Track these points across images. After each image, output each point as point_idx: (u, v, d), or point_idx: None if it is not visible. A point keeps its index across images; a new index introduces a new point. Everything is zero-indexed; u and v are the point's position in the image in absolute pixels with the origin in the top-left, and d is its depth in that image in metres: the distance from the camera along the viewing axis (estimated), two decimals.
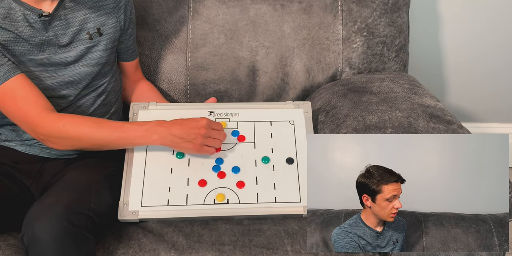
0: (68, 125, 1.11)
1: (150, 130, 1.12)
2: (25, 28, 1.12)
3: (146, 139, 1.13)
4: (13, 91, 1.11)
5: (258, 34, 1.51)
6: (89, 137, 1.12)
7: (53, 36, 1.16)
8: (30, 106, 1.11)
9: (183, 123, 1.14)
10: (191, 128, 1.13)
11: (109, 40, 1.25)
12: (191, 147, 1.14)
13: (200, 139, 1.14)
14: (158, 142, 1.14)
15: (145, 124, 1.14)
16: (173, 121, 1.15)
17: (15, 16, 1.11)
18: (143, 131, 1.12)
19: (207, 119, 1.15)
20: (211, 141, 1.16)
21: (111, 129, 1.12)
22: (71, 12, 1.17)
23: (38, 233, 0.96)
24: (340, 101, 1.37)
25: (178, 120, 1.15)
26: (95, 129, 1.12)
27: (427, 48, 1.85)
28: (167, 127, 1.13)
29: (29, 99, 1.11)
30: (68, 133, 1.11)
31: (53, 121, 1.11)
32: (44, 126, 1.11)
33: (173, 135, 1.12)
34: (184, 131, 1.13)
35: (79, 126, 1.12)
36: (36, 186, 1.22)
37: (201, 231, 1.12)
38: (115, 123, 1.15)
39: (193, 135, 1.13)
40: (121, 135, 1.13)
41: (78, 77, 1.22)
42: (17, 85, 1.11)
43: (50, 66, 1.18)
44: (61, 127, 1.11)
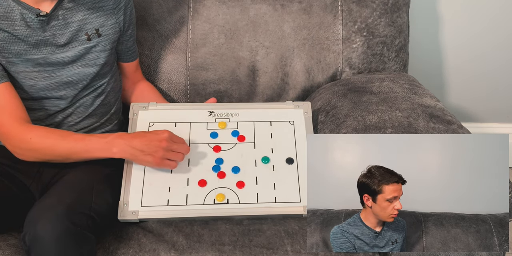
0: (35, 138, 1.11)
1: (110, 143, 1.11)
2: (22, 27, 1.12)
3: (106, 152, 1.12)
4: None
5: (258, 34, 1.51)
6: (52, 149, 1.12)
7: (51, 36, 1.16)
8: (4, 116, 1.12)
9: (144, 135, 1.12)
10: (152, 140, 1.10)
11: (108, 41, 1.24)
12: (151, 160, 1.12)
13: (161, 152, 1.11)
14: (118, 155, 1.12)
15: (107, 136, 1.12)
16: (134, 134, 1.13)
17: (12, 15, 1.11)
18: (103, 144, 1.11)
19: (169, 132, 1.13)
20: (173, 155, 1.13)
21: (73, 142, 1.11)
22: (70, 12, 1.17)
23: (40, 232, 0.96)
24: (340, 101, 1.37)
25: (140, 133, 1.14)
26: (58, 141, 1.11)
27: (427, 48, 1.85)
28: (128, 140, 1.11)
29: (6, 109, 1.12)
30: (33, 145, 1.11)
31: (22, 133, 1.11)
32: (13, 137, 1.12)
33: (133, 147, 1.10)
34: (145, 143, 1.10)
35: (44, 139, 1.11)
36: (36, 186, 1.22)
37: (201, 231, 1.12)
38: (79, 136, 1.13)
39: (153, 147, 1.10)
40: (83, 148, 1.11)
41: (76, 78, 1.22)
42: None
43: (48, 66, 1.18)
44: (28, 139, 1.11)
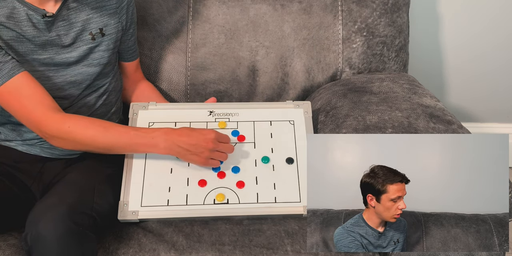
0: (74, 127, 1.09)
1: (157, 138, 1.10)
2: (29, 28, 1.12)
3: (152, 148, 1.12)
4: (18, 90, 1.09)
5: (258, 34, 1.51)
6: (94, 141, 1.10)
7: (56, 36, 1.16)
8: (35, 105, 1.09)
9: (191, 134, 1.11)
10: (199, 141, 1.10)
11: (111, 40, 1.25)
12: (197, 160, 1.13)
13: (206, 153, 1.12)
14: (164, 152, 1.12)
15: (153, 131, 1.11)
16: (181, 131, 1.12)
17: (18, 16, 1.11)
18: (149, 139, 1.10)
19: (216, 133, 1.12)
20: (218, 155, 1.14)
21: (117, 135, 1.11)
22: (74, 12, 1.17)
23: (42, 232, 0.96)
24: (340, 101, 1.37)
25: (186, 130, 1.12)
26: (101, 133, 1.10)
27: (427, 48, 1.85)
28: (175, 138, 1.10)
29: (35, 97, 1.10)
30: (73, 135, 1.09)
31: (59, 122, 1.09)
32: (49, 126, 1.09)
33: (179, 146, 1.10)
34: (192, 143, 1.10)
35: (85, 129, 1.10)
36: (37, 186, 1.22)
37: (201, 231, 1.12)
38: (122, 129, 1.12)
39: (200, 148, 1.11)
40: (127, 141, 1.11)
41: (80, 77, 1.22)
42: (22, 83, 1.09)
43: (53, 66, 1.18)
44: (67, 128, 1.09)
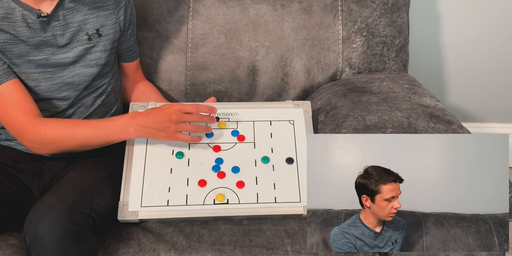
0: (50, 130, 1.12)
1: (125, 124, 1.13)
2: (23, 28, 1.12)
3: (123, 135, 1.14)
4: (4, 97, 1.12)
5: (258, 34, 1.51)
6: (69, 139, 1.13)
7: (51, 36, 1.16)
8: (18, 113, 1.12)
9: (153, 112, 1.13)
10: (161, 115, 1.12)
11: (108, 41, 1.24)
12: (165, 136, 1.14)
13: (172, 126, 1.12)
14: (134, 135, 1.14)
15: (120, 118, 1.14)
16: (146, 112, 1.15)
17: (13, 16, 1.11)
18: (118, 126, 1.13)
19: (179, 105, 1.14)
20: (185, 127, 1.14)
21: (88, 129, 1.13)
22: (70, 12, 1.17)
23: (41, 232, 0.96)
24: (340, 101, 1.37)
25: (150, 110, 1.15)
26: (73, 130, 1.13)
27: (427, 48, 1.85)
28: (140, 119, 1.13)
29: (18, 105, 1.13)
30: (49, 138, 1.12)
31: (37, 127, 1.12)
32: (29, 132, 1.12)
33: (146, 126, 1.12)
34: (156, 121, 1.12)
35: (58, 130, 1.13)
36: (37, 186, 1.22)
37: (201, 231, 1.12)
38: (92, 122, 1.15)
39: (165, 123, 1.12)
40: (98, 133, 1.13)
41: (78, 78, 1.22)
42: (9, 90, 1.12)
43: (49, 67, 1.18)
44: (43, 132, 1.12)
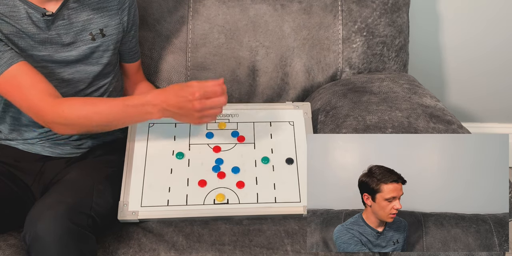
0: (68, 110, 1.09)
1: (147, 106, 1.08)
2: (29, 25, 1.12)
3: (147, 116, 1.10)
4: (17, 78, 1.10)
5: (258, 34, 1.51)
6: (88, 120, 1.10)
7: (56, 35, 1.16)
8: (33, 94, 1.09)
9: (177, 95, 1.08)
10: (185, 103, 1.07)
11: (112, 41, 1.24)
12: (190, 121, 1.12)
13: (196, 113, 1.08)
14: (158, 116, 1.10)
15: (143, 98, 1.09)
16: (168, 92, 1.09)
17: (18, 14, 1.11)
18: (141, 108, 1.09)
19: (199, 91, 1.06)
20: (209, 113, 1.10)
21: (109, 109, 1.10)
22: (74, 12, 1.17)
23: (41, 232, 0.96)
24: (340, 101, 1.37)
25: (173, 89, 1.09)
26: (93, 110, 1.10)
27: (427, 48, 1.85)
28: (163, 102, 1.08)
29: (33, 86, 1.10)
30: (68, 118, 1.09)
31: (55, 107, 1.09)
32: (47, 112, 1.09)
33: (169, 110, 1.09)
34: (179, 106, 1.08)
35: (78, 110, 1.09)
36: (37, 186, 1.22)
37: (201, 231, 1.12)
38: (114, 102, 1.11)
39: (188, 111, 1.08)
40: (121, 115, 1.10)
41: (78, 75, 1.22)
42: (20, 72, 1.10)
43: (51, 63, 1.18)
44: (61, 112, 1.09)
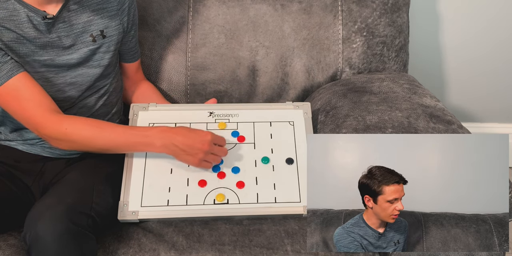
0: (71, 129, 1.10)
1: (153, 137, 1.11)
2: (30, 29, 1.12)
3: (149, 147, 1.12)
4: (17, 91, 1.10)
5: (258, 34, 1.51)
6: (91, 142, 1.11)
7: (56, 38, 1.16)
8: (34, 107, 1.10)
9: (187, 135, 1.12)
10: (195, 142, 1.11)
11: (112, 42, 1.24)
12: (191, 161, 1.14)
13: (201, 154, 1.12)
14: (160, 150, 1.12)
15: (149, 130, 1.12)
16: (177, 130, 1.13)
17: (19, 18, 1.11)
18: (145, 138, 1.11)
19: (212, 135, 1.13)
20: (212, 158, 1.15)
21: (113, 135, 1.11)
22: (74, 14, 1.17)
23: (41, 232, 0.96)
24: (340, 101, 1.37)
25: (183, 130, 1.13)
26: (97, 134, 1.11)
27: (427, 48, 1.85)
28: (171, 136, 1.11)
29: (33, 99, 1.10)
30: (70, 136, 1.10)
31: (57, 123, 1.10)
32: (47, 128, 1.10)
33: (175, 145, 1.11)
34: (188, 144, 1.11)
35: (81, 130, 1.11)
36: (37, 186, 1.22)
37: (201, 231, 1.12)
38: (119, 129, 1.13)
39: (195, 150, 1.11)
40: (124, 141, 1.12)
41: (81, 79, 1.22)
42: (20, 84, 1.10)
43: (53, 67, 1.18)
44: (64, 129, 1.10)
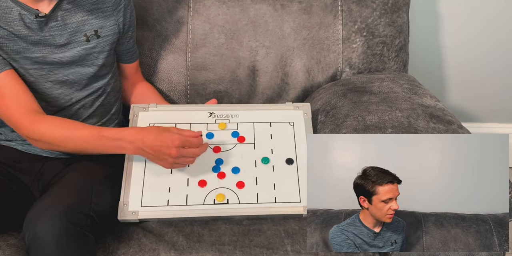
0: (44, 129, 1.10)
1: (123, 141, 1.09)
2: (21, 27, 1.12)
3: (120, 150, 1.12)
4: (1, 89, 1.11)
5: (258, 34, 1.51)
6: (63, 143, 1.11)
7: (49, 36, 1.16)
8: (15, 106, 1.11)
9: (156, 139, 1.08)
10: (162, 148, 1.08)
11: (107, 42, 1.24)
12: (162, 165, 1.13)
13: (170, 159, 1.10)
14: (131, 153, 1.12)
15: (119, 133, 1.10)
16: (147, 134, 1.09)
17: (10, 16, 1.11)
18: (116, 142, 1.10)
19: (179, 140, 1.08)
20: (183, 160, 1.12)
21: (85, 138, 1.10)
22: (68, 13, 1.17)
23: (40, 232, 0.96)
24: (340, 101, 1.37)
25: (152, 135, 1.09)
26: (69, 135, 1.11)
27: (427, 48, 1.85)
28: (140, 140, 1.08)
29: (15, 98, 1.11)
30: (44, 137, 1.11)
31: (33, 124, 1.11)
32: (25, 127, 1.11)
33: (144, 150, 1.09)
34: (155, 149, 1.08)
35: (54, 132, 1.11)
36: (37, 186, 1.22)
37: (201, 231, 1.12)
38: (92, 131, 1.11)
39: (164, 155, 1.09)
40: (95, 144, 1.11)
41: (73, 77, 1.22)
42: (4, 82, 1.11)
43: (46, 65, 1.18)
44: (39, 130, 1.10)
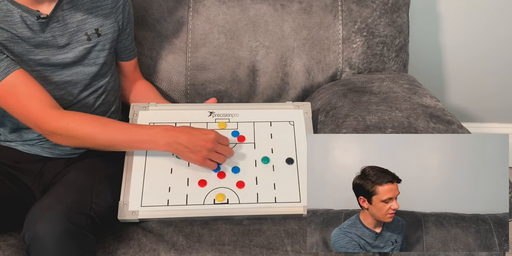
0: (73, 123, 1.10)
1: (157, 135, 1.11)
2: (23, 29, 1.12)
3: (152, 145, 1.12)
4: (15, 87, 1.09)
5: (258, 34, 1.51)
6: (93, 137, 1.11)
7: (51, 37, 1.16)
8: (33, 103, 1.10)
9: (191, 132, 1.12)
10: (198, 140, 1.12)
11: (107, 40, 1.24)
12: (195, 158, 1.14)
13: (205, 152, 1.13)
14: (164, 148, 1.13)
15: (153, 128, 1.13)
16: (181, 128, 1.13)
17: (12, 19, 1.11)
18: (149, 136, 1.11)
19: (216, 133, 1.14)
20: (216, 156, 1.15)
21: (117, 132, 1.12)
22: (68, 13, 1.17)
23: (40, 232, 0.96)
24: (340, 101, 1.37)
25: (187, 129, 1.14)
26: (100, 130, 1.11)
27: (427, 48, 1.85)
28: (174, 134, 1.11)
29: (32, 95, 1.10)
30: (72, 132, 1.10)
31: (58, 118, 1.10)
32: (48, 123, 1.10)
33: (178, 143, 1.11)
34: (191, 141, 1.11)
35: (84, 126, 1.10)
36: (37, 186, 1.22)
37: (201, 231, 1.12)
38: (122, 125, 1.13)
39: (199, 147, 1.12)
40: (127, 138, 1.12)
41: (76, 77, 1.22)
42: (17, 80, 1.10)
43: (49, 66, 1.18)
44: (66, 124, 1.09)
